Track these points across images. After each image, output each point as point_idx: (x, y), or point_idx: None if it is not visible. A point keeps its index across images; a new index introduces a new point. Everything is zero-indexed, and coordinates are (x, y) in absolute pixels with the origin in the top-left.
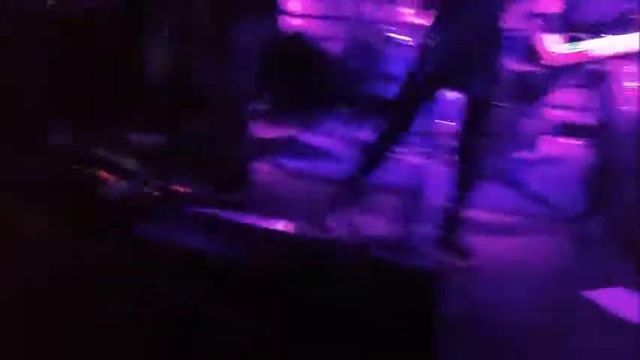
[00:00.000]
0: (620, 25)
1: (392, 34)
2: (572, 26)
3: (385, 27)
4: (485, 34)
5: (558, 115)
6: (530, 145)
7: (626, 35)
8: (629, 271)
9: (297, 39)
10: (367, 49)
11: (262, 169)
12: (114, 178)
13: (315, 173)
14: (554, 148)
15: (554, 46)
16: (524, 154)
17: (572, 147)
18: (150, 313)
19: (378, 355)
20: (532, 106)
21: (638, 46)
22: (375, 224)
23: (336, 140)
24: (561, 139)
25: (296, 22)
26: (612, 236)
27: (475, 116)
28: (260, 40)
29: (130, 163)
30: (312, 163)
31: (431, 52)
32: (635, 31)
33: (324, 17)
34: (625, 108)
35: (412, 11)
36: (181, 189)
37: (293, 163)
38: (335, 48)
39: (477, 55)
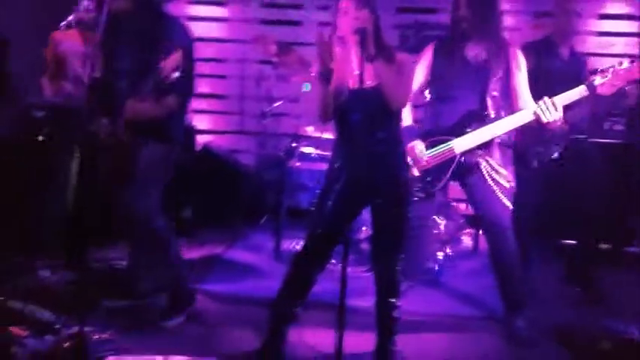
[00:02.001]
0: (477, 121)
1: (297, 147)
2: (434, 131)
3: (291, 140)
4: (381, 154)
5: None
6: (451, 241)
7: (482, 129)
8: None
9: (208, 153)
10: (276, 162)
11: None
12: (27, 332)
13: (243, 295)
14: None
15: (423, 151)
16: (447, 251)
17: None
18: None
19: None
20: (428, 207)
21: (491, 137)
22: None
23: (261, 254)
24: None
25: (205, 138)
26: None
27: (383, 228)
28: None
29: (44, 314)
30: (238, 283)
31: (337, 169)
32: (488, 123)
33: (234, 132)
34: (496, 198)
35: (312, 127)
36: (97, 335)
37: (218, 286)
38: (246, 160)
39: (376, 173)
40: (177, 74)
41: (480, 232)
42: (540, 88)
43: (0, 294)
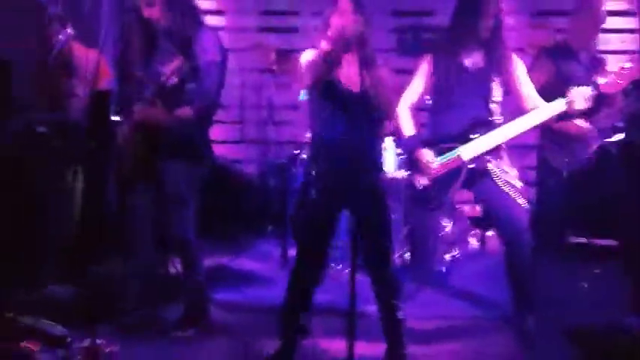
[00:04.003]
0: (481, 126)
1: (299, 154)
2: (441, 138)
3: (294, 147)
4: (364, 157)
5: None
6: (457, 243)
7: (491, 134)
8: None
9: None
10: (279, 169)
11: None
12: (39, 347)
13: (252, 304)
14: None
15: (432, 158)
16: (454, 253)
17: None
18: None
19: None
20: (437, 213)
21: (500, 142)
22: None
23: (268, 262)
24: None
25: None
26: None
27: (366, 233)
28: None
29: (55, 328)
30: (246, 292)
31: (315, 176)
32: (494, 129)
33: (235, 142)
34: (511, 200)
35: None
36: (108, 348)
37: (227, 296)
38: (250, 169)
39: (358, 176)
40: (175, 79)
41: (487, 233)
42: (559, 95)
43: (10, 309)
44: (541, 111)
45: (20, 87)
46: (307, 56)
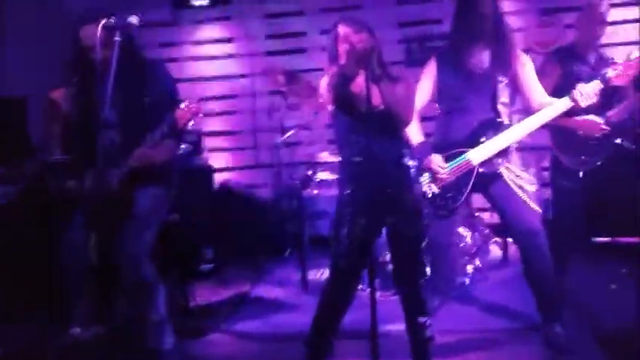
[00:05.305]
0: (490, 129)
1: (313, 174)
2: (446, 144)
3: (306, 168)
4: (391, 172)
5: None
6: (479, 253)
7: (498, 136)
8: None
9: (226, 192)
10: (293, 192)
11: (218, 340)
12: None
13: (275, 332)
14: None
15: (442, 164)
16: (476, 263)
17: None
18: None
19: None
20: (451, 221)
21: (509, 144)
22: None
23: (289, 287)
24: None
25: (224, 176)
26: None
27: (401, 248)
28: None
29: None
30: (269, 320)
31: (349, 195)
32: (503, 130)
33: (249, 167)
34: (524, 204)
35: (326, 152)
36: None
37: (249, 325)
38: (265, 194)
39: (389, 192)
40: (194, 122)
41: (509, 240)
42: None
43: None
44: (547, 110)
45: (37, 126)
46: (324, 80)
